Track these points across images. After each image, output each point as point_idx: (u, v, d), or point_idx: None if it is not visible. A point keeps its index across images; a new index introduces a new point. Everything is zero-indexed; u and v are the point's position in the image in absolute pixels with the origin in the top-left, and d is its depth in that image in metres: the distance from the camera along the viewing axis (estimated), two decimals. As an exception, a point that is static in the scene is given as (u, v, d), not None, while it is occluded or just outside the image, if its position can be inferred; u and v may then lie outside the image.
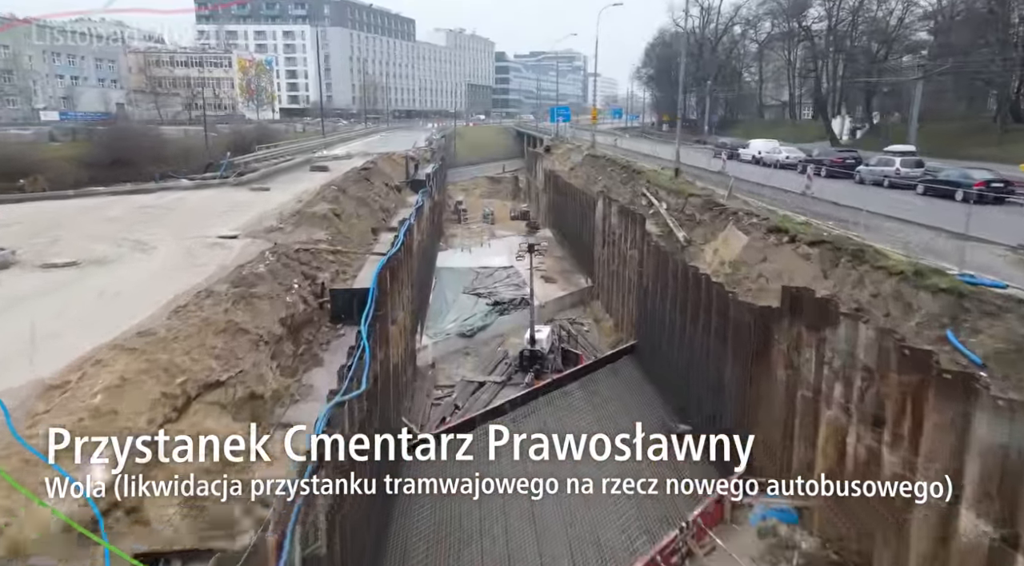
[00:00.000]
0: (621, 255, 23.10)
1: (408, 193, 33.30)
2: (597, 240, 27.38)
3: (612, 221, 24.55)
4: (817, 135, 59.69)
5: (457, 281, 29.19)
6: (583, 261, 30.71)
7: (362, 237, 18.94)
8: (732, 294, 14.77)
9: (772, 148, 36.87)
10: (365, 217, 21.95)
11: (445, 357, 21.63)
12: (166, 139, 51.60)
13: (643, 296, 20.35)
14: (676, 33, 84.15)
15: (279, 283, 11.95)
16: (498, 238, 40.41)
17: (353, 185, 25.64)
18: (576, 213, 32.77)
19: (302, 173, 30.42)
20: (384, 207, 26.09)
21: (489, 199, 58.22)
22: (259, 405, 8.83)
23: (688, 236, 20.17)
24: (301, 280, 12.90)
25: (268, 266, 12.32)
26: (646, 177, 28.76)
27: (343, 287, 13.28)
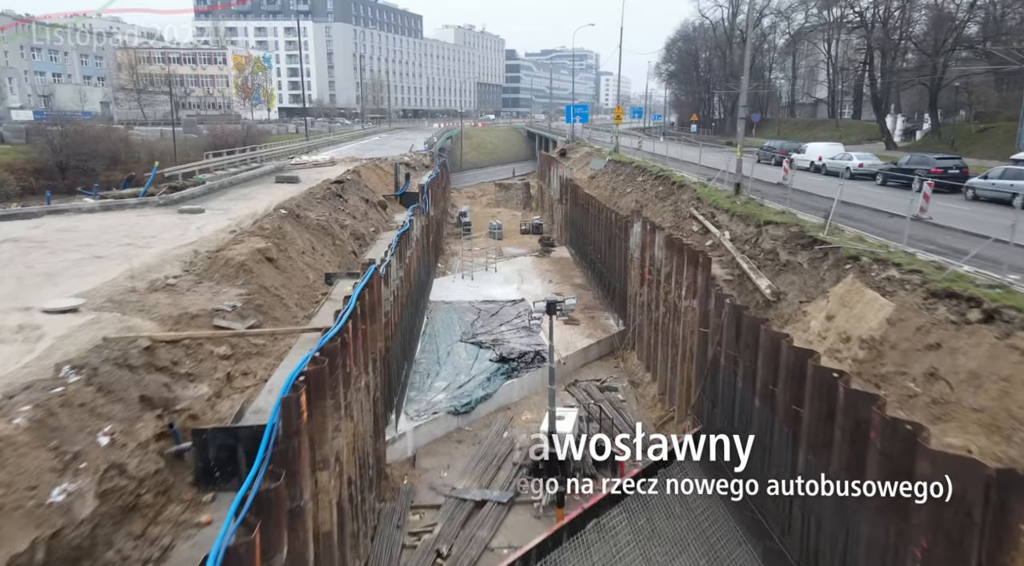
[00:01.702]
0: (671, 304, 17.09)
1: (397, 209, 27.46)
2: (632, 275, 21.36)
3: (655, 254, 18.55)
4: (864, 137, 53.40)
5: (453, 322, 23.25)
6: (611, 295, 24.69)
7: (305, 292, 13.01)
8: (878, 405, 8.67)
9: (838, 153, 30.67)
10: (323, 254, 16.06)
11: (431, 447, 15.71)
12: (132, 142, 46.27)
13: (709, 369, 14.31)
14: (701, 25, 78.03)
15: (61, 444, 6.04)
16: (506, 258, 34.46)
17: (318, 205, 19.82)
18: (601, 234, 26.75)
19: (262, 186, 24.63)
20: (358, 233, 20.24)
21: (497, 208, 52.29)
22: None
23: (775, 287, 14.11)
24: (135, 414, 7.00)
25: (60, 399, 6.41)
26: (693, 193, 22.73)
27: (217, 426, 7.39)
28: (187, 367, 8.22)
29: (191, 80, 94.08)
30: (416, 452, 15.47)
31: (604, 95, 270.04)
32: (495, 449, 15.49)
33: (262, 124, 79.40)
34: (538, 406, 17.99)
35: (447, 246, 37.99)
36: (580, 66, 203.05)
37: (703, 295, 14.87)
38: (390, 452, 14.74)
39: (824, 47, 63.76)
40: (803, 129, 63.94)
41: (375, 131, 79.44)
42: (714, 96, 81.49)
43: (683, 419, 16.22)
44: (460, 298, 26.25)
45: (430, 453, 15.53)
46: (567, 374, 19.91)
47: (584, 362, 21.15)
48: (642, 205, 26.72)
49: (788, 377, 10.64)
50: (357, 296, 11.10)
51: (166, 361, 8.00)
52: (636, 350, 20.92)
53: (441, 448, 15.83)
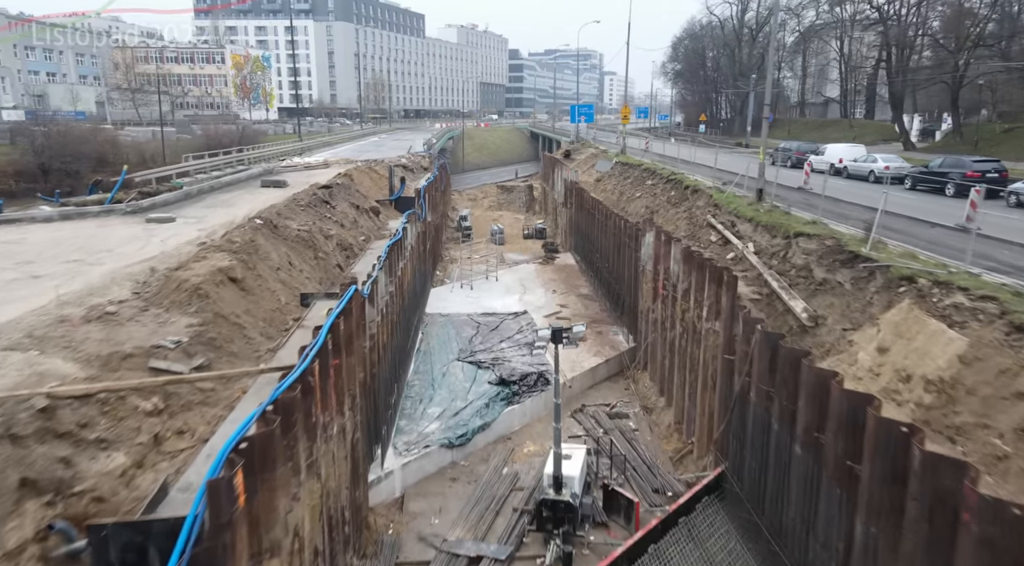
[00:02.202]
0: (689, 324, 15.37)
1: (392, 215, 25.81)
2: (644, 287, 19.63)
3: (671, 267, 16.84)
4: (879, 137, 51.60)
5: (450, 338, 21.57)
6: (620, 308, 22.98)
7: (275, 318, 11.34)
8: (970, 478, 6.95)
9: (860, 155, 28.89)
10: (301, 270, 14.39)
11: (421, 487, 14.01)
12: (120, 143, 44.72)
13: (736, 403, 12.59)
14: (708, 23, 76.27)
15: None
16: (508, 266, 32.76)
17: (301, 214, 18.17)
18: (609, 241, 25.04)
19: (246, 191, 23.00)
20: (346, 244, 18.57)
21: (499, 211, 50.61)
22: None
23: (812, 311, 12.38)
24: (6, 508, 5.32)
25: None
26: (709, 198, 21.00)
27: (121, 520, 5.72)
28: (100, 430, 6.54)
29: (189, 79, 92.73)
30: (404, 492, 13.78)
31: (608, 95, 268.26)
32: (493, 489, 13.79)
33: (260, 124, 77.92)
34: (541, 435, 16.31)
35: (446, 252, 36.34)
36: (584, 66, 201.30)
37: (728, 318, 13.14)
38: (374, 494, 13.07)
39: (836, 45, 61.90)
40: (814, 129, 62.13)
41: (375, 132, 77.84)
42: (721, 96, 79.67)
43: (704, 454, 14.50)
44: (458, 310, 24.56)
45: (420, 494, 13.83)
46: (573, 397, 18.21)
47: (592, 383, 19.44)
48: (653, 211, 25.02)
49: (840, 426, 8.92)
50: (329, 327, 9.43)
51: (71, 424, 6.33)
52: (648, 371, 19.20)
53: (433, 487, 14.14)
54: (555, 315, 24.16)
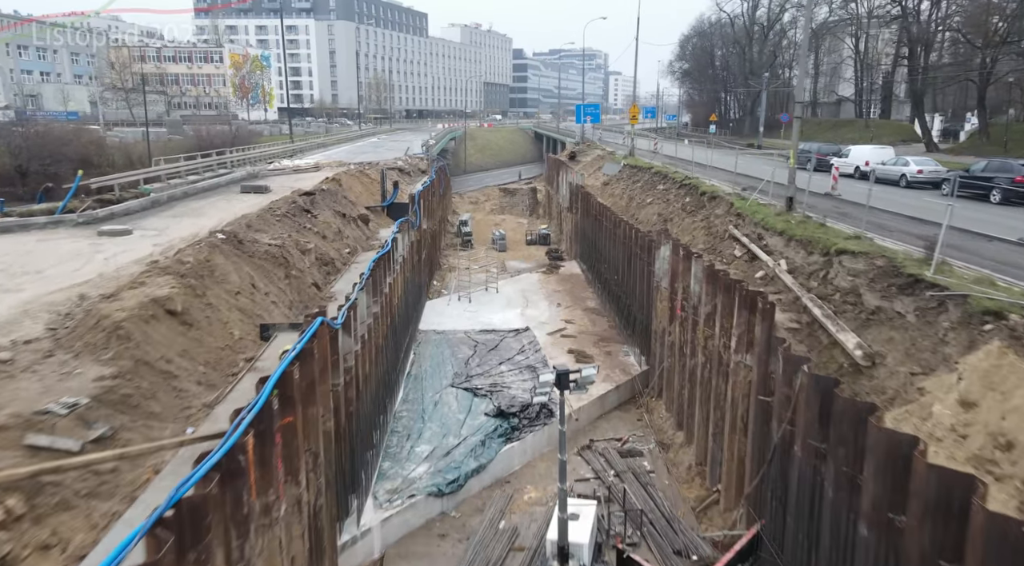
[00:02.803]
0: (713, 353, 13.40)
1: (384, 222, 23.90)
2: (659, 306, 17.64)
3: (691, 286, 14.87)
4: (898, 137, 49.45)
5: (444, 360, 19.63)
6: (631, 326, 21.00)
7: (223, 357, 9.43)
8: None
9: (888, 157, 26.86)
10: (268, 293, 12.47)
11: (404, 545, 12.07)
12: (106, 144, 43.02)
13: (776, 454, 10.60)
14: (718, 21, 74.18)
15: None
16: (510, 275, 30.84)
17: (276, 225, 16.28)
18: (618, 251, 23.07)
19: (222, 197, 21.13)
20: (327, 258, 16.65)
21: (501, 215, 48.67)
22: None
23: (868, 347, 10.38)
24: None
25: None
26: (729, 206, 19.01)
27: None
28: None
29: (187, 79, 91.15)
30: (384, 553, 11.84)
31: (613, 95, 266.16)
32: (488, 550, 11.84)
33: (257, 125, 76.24)
34: (544, 477, 14.36)
35: (445, 259, 34.42)
36: (589, 66, 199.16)
37: (763, 352, 11.17)
38: (349, 556, 11.14)
39: (851, 42, 59.74)
40: (828, 130, 60.00)
41: (374, 132, 76.00)
42: (731, 95, 77.58)
43: (732, 506, 12.51)
44: (455, 327, 22.63)
45: (403, 555, 11.90)
46: (580, 431, 16.26)
47: (600, 413, 17.47)
48: (666, 219, 23.04)
49: (928, 511, 6.95)
50: (279, 378, 7.50)
51: None
52: (664, 399, 17.21)
53: (418, 545, 12.20)
54: (559, 332, 22.22)
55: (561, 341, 21.40)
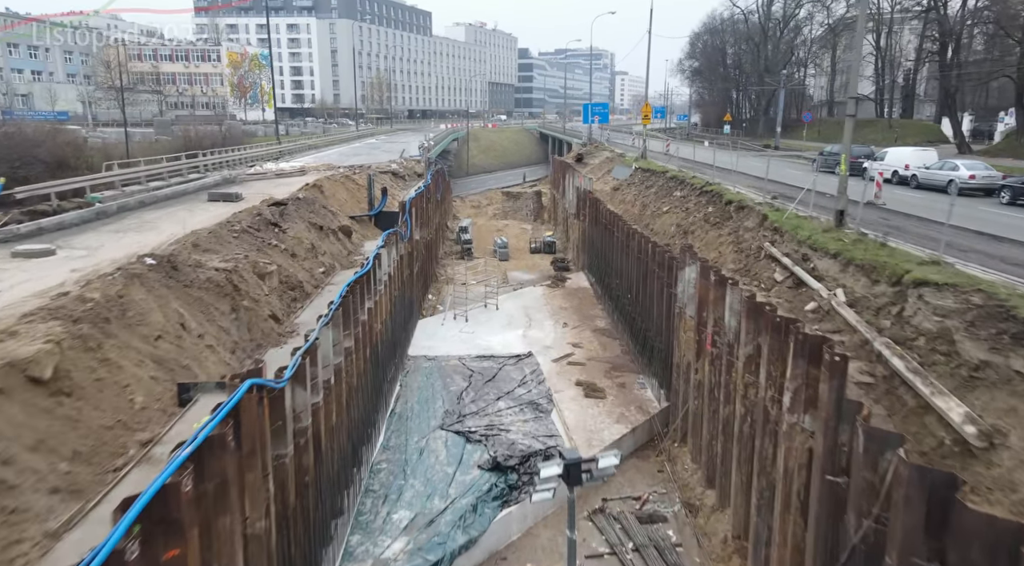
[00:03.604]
0: (756, 405, 10.92)
1: (371, 234, 21.47)
2: (683, 336, 15.12)
3: (726, 318, 12.37)
4: (924, 138, 46.73)
5: (434, 393, 17.14)
6: (647, 352, 18.47)
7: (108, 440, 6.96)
8: None
9: (931, 161, 24.26)
10: (203, 334, 10.01)
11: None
12: (86, 145, 40.70)
13: (853, 557, 8.07)
14: (731, 17, 71.49)
15: None
16: (512, 288, 28.37)
17: (232, 242, 13.84)
18: (631, 266, 20.56)
19: (184, 207, 18.71)
20: (294, 281, 14.18)
21: (505, 220, 46.19)
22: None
23: (982, 421, 7.81)
24: None
25: None
26: (761, 218, 16.46)
27: None
28: None
29: (184, 78, 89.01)
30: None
31: (620, 95, 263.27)
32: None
33: (255, 125, 74.01)
34: (548, 552, 11.88)
35: (442, 269, 31.99)
36: (595, 66, 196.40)
37: (831, 417, 8.65)
38: None
39: (872, 38, 56.98)
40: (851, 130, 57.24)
41: (373, 133, 73.62)
42: (743, 94, 74.88)
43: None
44: (448, 351, 20.15)
45: None
46: (591, 486, 13.73)
47: (614, 460, 14.92)
48: (686, 231, 20.50)
49: None
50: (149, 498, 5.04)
51: None
52: (690, 447, 14.69)
53: (389, 652, 9.72)
54: (566, 359, 19.72)
55: (568, 369, 18.91)
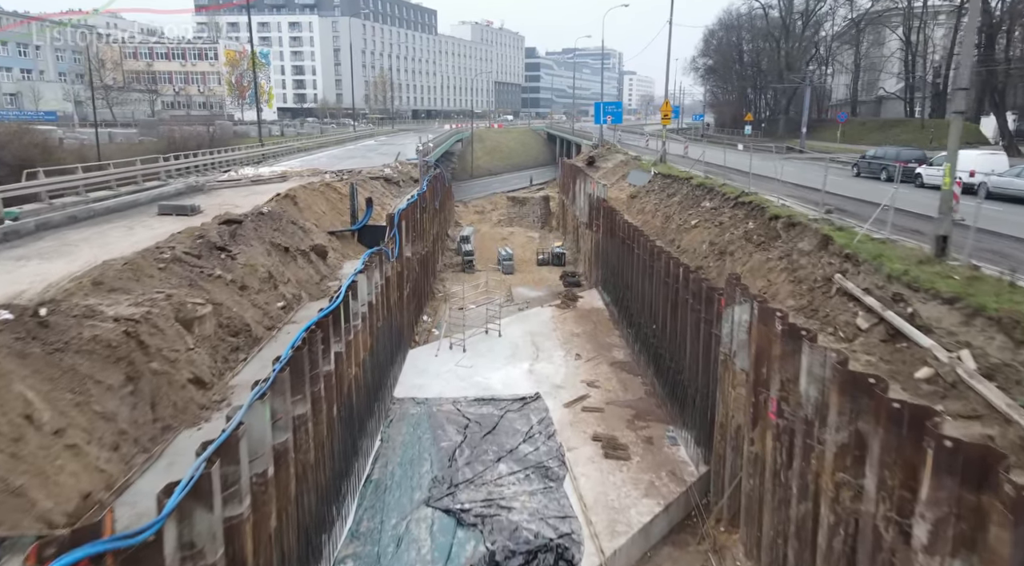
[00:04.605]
0: (864, 525, 7.88)
1: (354, 250, 18.44)
2: (731, 391, 12.02)
3: (801, 385, 9.29)
4: (963, 139, 43.31)
5: (422, 450, 14.09)
6: (678, 396, 15.36)
7: None
8: None
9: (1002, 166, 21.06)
10: (65, 429, 6.93)
11: None
12: (59, 146, 38.05)
13: None
14: (748, 13, 68.19)
15: None
16: (517, 306, 25.33)
17: (156, 276, 10.81)
18: (655, 289, 17.45)
19: (126, 223, 15.75)
20: (237, 324, 11.15)
21: (510, 227, 43.14)
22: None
23: None
24: None
25: None
26: (824, 241, 13.32)
27: None
28: None
29: (180, 77, 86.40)
30: None
31: (628, 95, 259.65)
32: None
33: (249, 125, 71.18)
34: None
35: (441, 283, 28.98)
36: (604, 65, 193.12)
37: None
38: None
39: (901, 33, 53.62)
40: (874, 131, 53.90)
41: (372, 133, 70.70)
42: (761, 93, 71.53)
43: None
44: (441, 392, 17.10)
45: None
46: (617, 591, 10.66)
47: (645, 547, 11.86)
48: (723, 251, 17.39)
49: None
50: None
51: None
52: (743, 536, 11.54)
53: None
54: (580, 402, 16.63)
55: (583, 417, 15.82)
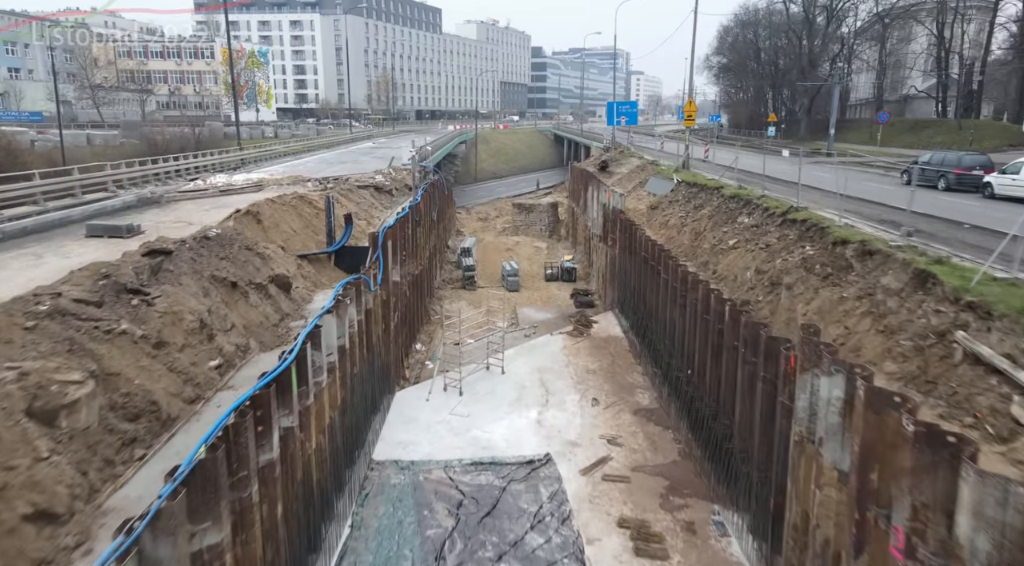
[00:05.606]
0: None
1: (331, 276, 15.38)
2: (819, 494, 8.96)
3: (967, 544, 6.27)
4: (1004, 142, 40.28)
5: (400, 547, 11.07)
6: (727, 469, 12.26)
7: None
8: None
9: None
10: None
11: None
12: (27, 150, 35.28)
13: None
14: (767, 8, 64.92)
15: None
16: (523, 332, 22.31)
17: (19, 340, 7.73)
18: (691, 325, 14.37)
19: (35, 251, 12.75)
20: (139, 404, 8.10)
21: (515, 236, 40.11)
22: None
23: None
24: None
25: None
26: (919, 277, 10.19)
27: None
28: None
29: (176, 77, 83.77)
30: None
31: (635, 95, 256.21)
32: None
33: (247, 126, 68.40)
34: None
35: (438, 303, 25.96)
36: (609, 65, 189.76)
37: None
38: None
39: (933, 27, 50.30)
40: (904, 132, 50.60)
41: (371, 135, 67.77)
42: (780, 92, 68.24)
43: None
44: (431, 452, 14.05)
45: None
46: None
47: None
48: (775, 282, 14.27)
49: None
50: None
51: None
52: None
53: None
54: (599, 467, 13.53)
55: (603, 489, 12.72)
